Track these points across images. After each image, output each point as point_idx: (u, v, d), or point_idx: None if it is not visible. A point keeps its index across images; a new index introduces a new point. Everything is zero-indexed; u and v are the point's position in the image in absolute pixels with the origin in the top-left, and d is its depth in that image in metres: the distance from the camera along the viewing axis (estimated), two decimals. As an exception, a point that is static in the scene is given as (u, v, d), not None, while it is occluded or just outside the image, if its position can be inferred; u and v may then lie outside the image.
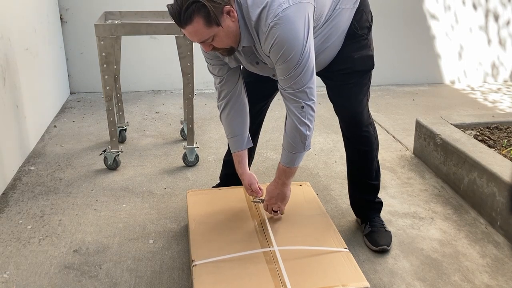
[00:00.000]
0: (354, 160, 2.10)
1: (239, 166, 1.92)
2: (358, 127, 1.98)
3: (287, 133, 1.73)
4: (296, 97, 1.63)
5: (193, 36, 1.53)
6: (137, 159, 2.92)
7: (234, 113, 1.88)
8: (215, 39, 1.54)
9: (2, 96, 2.53)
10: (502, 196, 2.17)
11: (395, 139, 3.30)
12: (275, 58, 1.58)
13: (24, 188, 2.52)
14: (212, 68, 1.84)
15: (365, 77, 1.91)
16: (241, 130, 1.90)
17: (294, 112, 1.66)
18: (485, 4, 4.64)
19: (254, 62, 1.76)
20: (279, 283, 1.56)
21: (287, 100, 1.67)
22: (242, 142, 1.91)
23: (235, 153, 1.92)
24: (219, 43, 1.57)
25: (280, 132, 3.37)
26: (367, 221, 2.13)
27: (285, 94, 1.66)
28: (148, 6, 3.95)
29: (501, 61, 4.89)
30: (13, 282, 1.81)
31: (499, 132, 2.85)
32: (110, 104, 2.61)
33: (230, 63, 1.79)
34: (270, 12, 1.50)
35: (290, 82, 1.61)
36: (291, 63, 1.56)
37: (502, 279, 1.88)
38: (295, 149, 1.74)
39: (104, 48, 2.49)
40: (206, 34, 1.51)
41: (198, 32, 1.51)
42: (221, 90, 1.87)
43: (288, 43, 1.52)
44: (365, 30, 1.83)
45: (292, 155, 1.76)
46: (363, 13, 1.82)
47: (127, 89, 4.19)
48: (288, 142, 1.74)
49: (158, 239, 2.10)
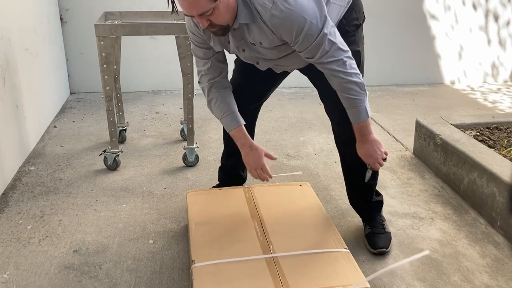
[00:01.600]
0: (347, 161, 2.07)
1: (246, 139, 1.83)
2: (348, 127, 1.86)
3: (342, 92, 1.65)
4: (333, 57, 1.58)
5: (192, 7, 1.45)
6: (137, 159, 2.92)
7: (223, 93, 1.84)
8: (214, 13, 1.47)
9: (2, 96, 2.53)
10: (502, 196, 2.17)
11: (395, 139, 3.30)
12: (288, 34, 1.52)
13: (24, 188, 2.52)
14: (198, 50, 1.79)
15: None
16: (234, 107, 1.84)
17: (338, 69, 1.60)
18: (485, 4, 4.64)
19: (241, 49, 1.72)
20: (279, 283, 1.55)
21: (325, 65, 1.61)
22: (238, 117, 1.84)
23: (236, 128, 1.83)
24: (217, 18, 1.50)
25: (280, 132, 3.37)
26: (367, 221, 2.12)
27: (319, 61, 1.60)
28: (148, 6, 3.96)
29: (501, 61, 4.89)
30: (13, 282, 1.81)
31: (499, 132, 2.85)
32: (110, 104, 2.61)
33: (215, 47, 1.73)
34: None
35: (320, 50, 1.56)
36: (310, 35, 1.51)
37: (502, 279, 1.88)
38: (360, 101, 1.67)
39: (104, 48, 2.49)
40: (206, 5, 1.44)
41: (199, 2, 1.43)
42: (205, 74, 1.82)
43: (298, 16, 1.47)
44: (353, 27, 1.83)
45: (360, 108, 1.69)
46: (353, 12, 1.82)
47: (127, 89, 4.19)
48: (349, 100, 1.66)
49: (158, 239, 2.10)
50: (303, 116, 3.74)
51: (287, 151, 3.06)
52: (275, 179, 2.51)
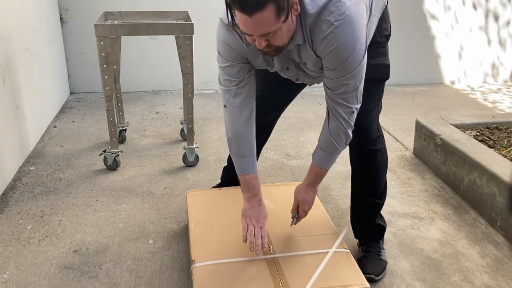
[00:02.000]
0: (358, 175, 1.95)
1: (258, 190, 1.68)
2: (365, 139, 1.84)
3: (333, 136, 1.61)
4: (347, 102, 1.54)
5: (256, 27, 1.31)
6: (137, 159, 2.92)
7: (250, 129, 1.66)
8: (276, 34, 1.35)
9: (2, 96, 2.53)
10: (502, 196, 2.17)
11: (395, 139, 3.30)
12: (332, 60, 1.45)
13: (24, 189, 2.51)
14: (233, 67, 1.58)
15: (378, 87, 1.81)
16: (254, 149, 1.70)
17: (343, 116, 1.56)
18: (485, 4, 4.64)
19: (285, 68, 1.61)
20: (279, 283, 1.55)
21: (336, 104, 1.56)
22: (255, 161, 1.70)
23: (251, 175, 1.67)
24: (277, 40, 1.38)
25: (280, 132, 3.37)
26: (363, 245, 1.99)
27: (334, 97, 1.54)
28: (148, 6, 3.96)
29: (501, 61, 4.89)
30: (13, 283, 1.80)
31: (499, 132, 2.85)
32: (110, 104, 2.61)
33: (257, 64, 1.59)
34: (334, 9, 1.36)
35: (344, 87, 1.50)
36: (349, 66, 1.44)
37: (502, 279, 1.88)
38: (337, 151, 1.65)
39: (104, 48, 2.49)
40: (272, 26, 1.31)
41: (265, 22, 1.30)
42: (237, 93, 1.61)
43: (350, 45, 1.40)
44: (384, 38, 1.77)
45: (331, 157, 1.67)
46: (383, 22, 1.75)
47: (127, 89, 4.19)
48: (331, 145, 1.63)
49: (158, 240, 2.10)
50: (303, 116, 3.74)
51: (287, 151, 3.06)
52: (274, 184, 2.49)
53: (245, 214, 1.67)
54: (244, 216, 1.67)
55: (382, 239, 2.02)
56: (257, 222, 1.64)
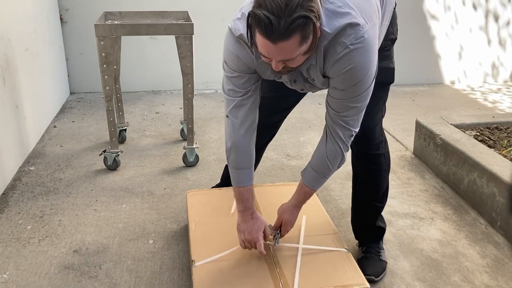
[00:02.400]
0: (359, 178, 1.95)
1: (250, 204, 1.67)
2: (368, 144, 1.83)
3: (329, 158, 1.59)
4: (348, 124, 1.52)
5: (279, 53, 1.27)
6: (137, 159, 2.92)
7: (248, 142, 1.63)
8: (295, 59, 1.31)
9: (2, 97, 2.53)
10: (502, 196, 2.17)
11: (395, 139, 3.30)
12: (343, 81, 1.42)
13: (24, 189, 2.51)
14: (239, 77, 1.54)
15: (382, 90, 1.79)
16: (253, 162, 1.69)
17: (342, 138, 1.55)
18: (485, 5, 4.64)
19: (293, 80, 1.59)
20: (278, 283, 1.55)
21: (336, 125, 1.53)
22: (252, 174, 1.68)
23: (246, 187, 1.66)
24: (296, 63, 1.34)
25: (280, 132, 3.36)
26: (363, 246, 2.00)
27: (336, 118, 1.52)
28: (148, 6, 3.96)
29: (501, 62, 4.89)
30: (13, 283, 1.80)
31: (499, 133, 2.85)
32: (110, 104, 2.61)
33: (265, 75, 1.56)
34: (352, 32, 1.33)
35: (349, 109, 1.48)
36: (359, 89, 1.43)
37: (502, 279, 1.88)
38: (329, 173, 1.63)
39: (104, 48, 2.49)
40: (294, 53, 1.27)
41: (288, 50, 1.26)
42: (241, 104, 1.57)
43: (364, 68, 1.39)
44: (389, 42, 1.75)
45: (322, 179, 1.65)
46: (390, 25, 1.74)
47: (127, 89, 4.19)
48: (325, 166, 1.61)
49: (158, 240, 2.10)
50: (303, 116, 3.74)
51: (287, 151, 3.06)
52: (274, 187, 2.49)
53: (239, 229, 1.68)
54: (239, 231, 1.68)
55: (382, 239, 2.02)
56: (251, 237, 1.64)
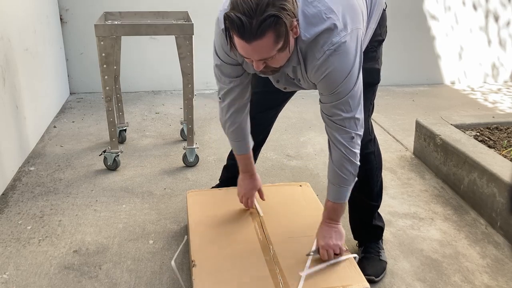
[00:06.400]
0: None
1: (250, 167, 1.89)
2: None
3: (336, 166, 1.59)
4: (344, 126, 1.52)
5: (255, 52, 1.32)
6: (137, 159, 2.91)
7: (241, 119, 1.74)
8: (274, 58, 1.36)
9: (2, 97, 2.53)
10: (502, 196, 2.17)
11: (395, 140, 3.30)
12: (325, 86, 1.46)
13: (23, 189, 2.51)
14: (226, 67, 1.62)
15: (368, 91, 1.76)
16: (248, 134, 1.81)
17: (342, 142, 1.54)
18: (485, 5, 4.64)
19: (276, 79, 1.63)
20: (278, 283, 1.55)
21: (333, 130, 1.55)
22: (249, 144, 1.83)
23: (244, 155, 1.85)
24: (276, 62, 1.39)
25: (280, 132, 3.37)
26: (362, 246, 2.00)
27: (331, 123, 1.54)
28: (148, 6, 3.96)
29: (501, 62, 4.89)
30: (13, 283, 1.80)
31: (499, 133, 2.85)
32: (110, 105, 2.61)
33: (252, 71, 1.61)
34: (328, 37, 1.36)
35: (340, 111, 1.49)
36: (343, 90, 1.45)
37: (502, 279, 1.88)
38: (346, 182, 1.61)
39: (104, 48, 2.48)
40: (271, 52, 1.32)
41: (264, 49, 1.31)
42: (228, 91, 1.67)
43: (342, 71, 1.42)
44: (376, 43, 1.76)
45: (341, 189, 1.63)
46: (378, 27, 1.75)
47: (127, 89, 4.19)
48: (337, 176, 1.60)
49: (158, 240, 2.10)
50: (303, 116, 3.74)
51: (287, 151, 3.06)
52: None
53: (239, 184, 1.94)
54: (239, 186, 1.95)
55: (381, 239, 2.02)
56: (245, 193, 1.93)
